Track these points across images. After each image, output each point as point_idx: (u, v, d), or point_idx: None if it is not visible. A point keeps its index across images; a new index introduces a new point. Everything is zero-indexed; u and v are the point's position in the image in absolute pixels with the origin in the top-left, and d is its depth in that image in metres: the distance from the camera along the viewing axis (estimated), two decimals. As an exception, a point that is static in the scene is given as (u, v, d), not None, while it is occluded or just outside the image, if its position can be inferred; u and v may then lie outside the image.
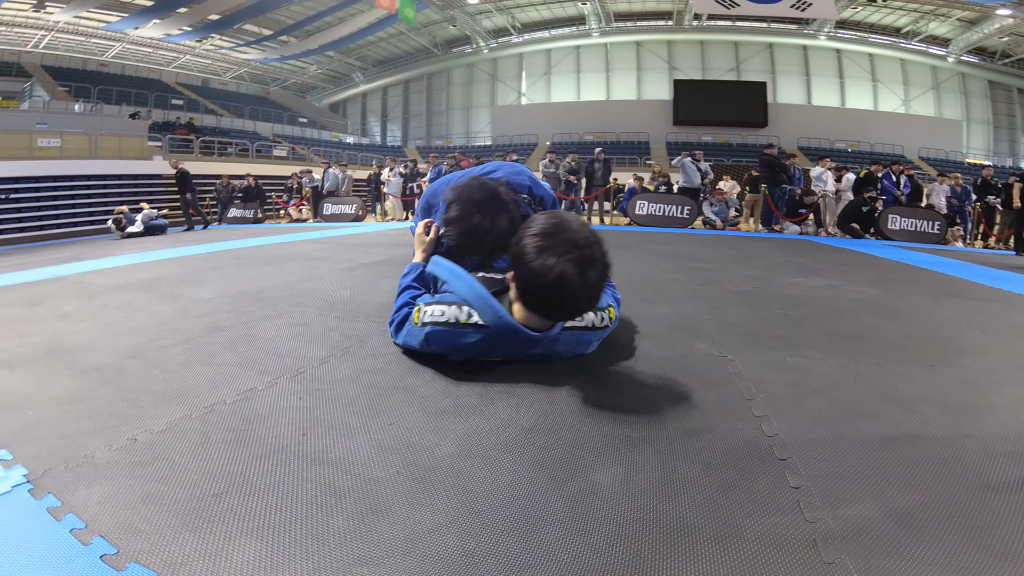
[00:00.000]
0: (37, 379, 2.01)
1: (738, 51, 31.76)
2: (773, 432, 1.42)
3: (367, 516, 1.10)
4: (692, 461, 1.29)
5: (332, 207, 13.16)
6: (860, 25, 29.62)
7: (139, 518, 1.12)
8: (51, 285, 4.28)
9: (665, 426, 1.48)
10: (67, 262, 5.95)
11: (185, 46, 30.67)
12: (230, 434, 1.48)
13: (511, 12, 31.30)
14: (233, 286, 3.68)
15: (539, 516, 1.09)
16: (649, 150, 28.53)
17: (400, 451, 1.36)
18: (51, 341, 2.53)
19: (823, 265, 4.95)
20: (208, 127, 24.31)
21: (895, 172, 10.73)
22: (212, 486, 1.23)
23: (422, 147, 33.89)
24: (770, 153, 10.50)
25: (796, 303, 3.13)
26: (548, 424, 1.50)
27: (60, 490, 1.24)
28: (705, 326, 2.56)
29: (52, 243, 10.19)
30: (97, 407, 1.70)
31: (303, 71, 36.33)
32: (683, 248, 6.18)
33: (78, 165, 13.30)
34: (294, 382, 1.85)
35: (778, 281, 3.94)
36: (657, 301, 3.08)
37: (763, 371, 1.90)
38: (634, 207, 10.77)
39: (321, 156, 23.55)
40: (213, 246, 6.82)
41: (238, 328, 2.56)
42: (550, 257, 1.59)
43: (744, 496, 1.14)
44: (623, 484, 1.20)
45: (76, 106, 21.20)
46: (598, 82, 33.76)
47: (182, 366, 2.05)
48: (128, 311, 3.08)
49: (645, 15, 30.94)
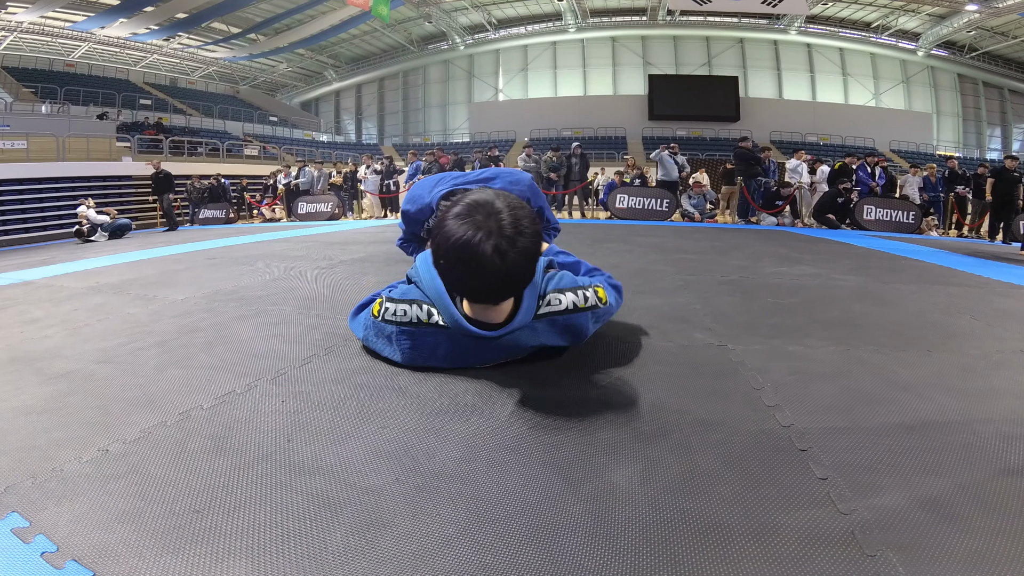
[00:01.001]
0: (3, 387, 1.89)
1: (710, 46, 32.02)
2: (788, 422, 1.38)
3: (368, 531, 1.00)
4: (711, 455, 1.23)
5: (307, 206, 12.90)
6: (830, 20, 30.05)
7: (115, 539, 1.02)
8: (18, 290, 4.11)
9: (676, 419, 1.42)
10: (35, 266, 5.74)
11: (152, 45, 30.00)
12: (209, 442, 1.38)
13: (487, 9, 31.17)
14: (207, 286, 3.56)
15: (557, 522, 1.01)
16: (626, 145, 28.61)
17: (397, 456, 1.26)
18: (17, 348, 2.40)
19: (804, 255, 4.98)
20: (177, 127, 23.85)
21: (870, 164, 10.88)
22: (192, 501, 1.13)
23: (399, 144, 33.62)
24: (744, 146, 10.56)
25: (785, 292, 3.13)
26: (553, 422, 1.42)
27: (27, 508, 1.13)
28: (700, 316, 2.53)
29: (20, 248, 9.85)
30: (66, 416, 1.59)
31: (273, 69, 35.77)
32: (666, 240, 6.18)
33: (45, 168, 12.87)
34: (275, 384, 1.75)
35: (764, 271, 3.96)
36: (649, 292, 3.06)
37: (765, 360, 1.86)
38: (614, 201, 10.76)
39: (294, 155, 23.19)
40: (184, 247, 6.65)
41: (214, 329, 2.45)
42: (463, 224, 1.47)
43: (773, 490, 1.08)
44: (643, 483, 1.13)
45: (42, 107, 20.64)
46: (575, 78, 33.80)
47: (155, 370, 1.94)
48: (99, 315, 2.95)
49: (620, 11, 31.04)
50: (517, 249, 1.46)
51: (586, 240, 6.28)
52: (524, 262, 1.50)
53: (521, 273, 1.52)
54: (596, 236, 6.76)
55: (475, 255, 1.44)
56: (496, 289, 1.54)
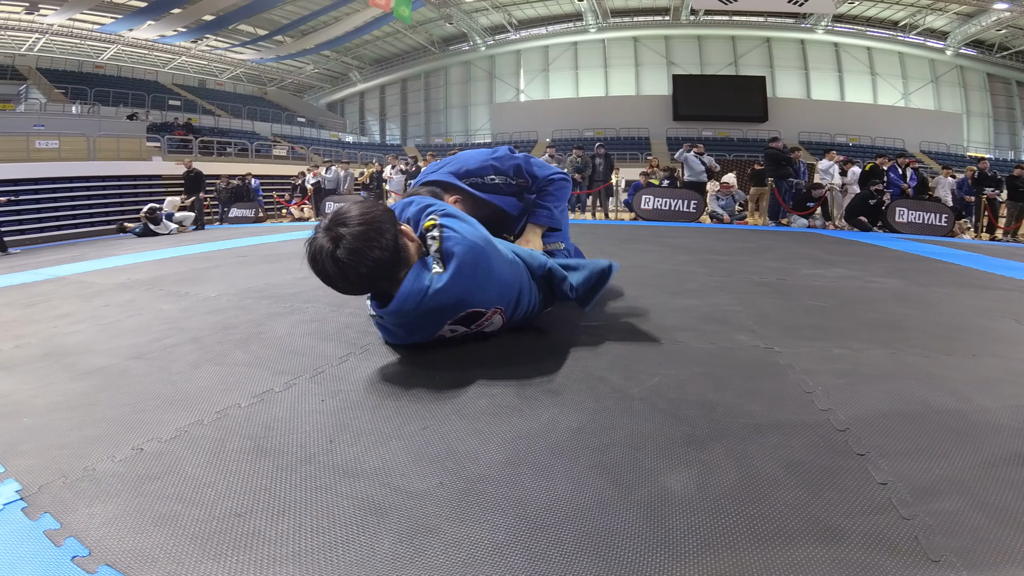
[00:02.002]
0: (33, 383, 1.87)
1: (736, 45, 31.64)
2: (843, 426, 1.33)
3: (416, 537, 0.96)
4: (770, 459, 1.18)
5: (334, 205, 12.96)
6: (857, 19, 29.53)
7: (151, 543, 0.97)
8: (49, 285, 4.15)
9: (729, 422, 1.36)
10: (66, 263, 5.82)
11: (180, 47, 30.53)
12: (248, 442, 1.33)
13: (507, 9, 31.16)
14: (239, 284, 3.56)
15: (612, 529, 0.97)
16: (649, 145, 28.37)
17: (440, 459, 1.22)
18: (48, 342, 2.39)
19: (839, 257, 4.89)
20: (206, 127, 24.15)
21: (900, 165, 10.63)
22: (233, 504, 1.08)
23: (421, 145, 33.76)
24: (775, 147, 10.36)
25: (823, 294, 3.05)
26: (598, 424, 1.37)
27: (59, 509, 1.09)
28: (741, 318, 2.45)
29: (52, 245, 10.05)
30: (98, 413, 1.56)
31: (299, 71, 36.17)
32: (695, 241, 6.06)
33: (76, 167, 13.13)
34: (314, 383, 1.71)
35: (800, 272, 3.87)
36: (683, 293, 2.99)
37: (813, 363, 1.80)
38: (639, 202, 10.62)
39: (321, 155, 23.38)
40: (213, 245, 6.72)
41: (248, 326, 2.43)
42: (319, 231, 1.64)
43: (835, 495, 1.05)
44: (700, 488, 1.08)
45: (73, 108, 21.08)
46: (596, 78, 33.64)
47: (190, 367, 1.91)
48: (130, 310, 2.94)
49: (642, 11, 30.82)
50: (350, 256, 1.57)
51: (610, 240, 6.20)
52: (363, 266, 1.59)
53: (363, 275, 1.62)
54: (621, 236, 6.68)
55: (313, 265, 1.65)
56: (346, 290, 1.71)
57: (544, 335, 2.12)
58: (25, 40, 26.44)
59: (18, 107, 20.71)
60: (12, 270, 5.63)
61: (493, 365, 1.78)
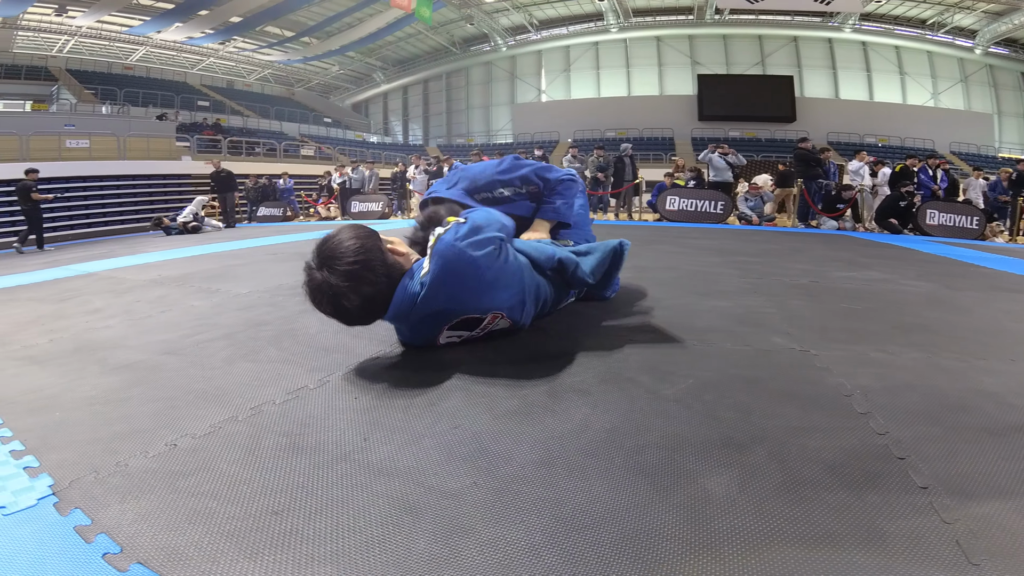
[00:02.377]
0: (65, 377, 1.89)
1: (762, 45, 31.21)
2: (883, 430, 1.32)
3: (451, 537, 0.95)
4: (812, 462, 1.17)
5: (359, 205, 13.20)
6: (885, 17, 28.93)
7: (185, 541, 0.96)
8: (80, 281, 4.23)
9: (768, 425, 1.35)
10: (96, 259, 5.93)
11: (208, 48, 31.00)
12: (284, 439, 1.33)
13: (528, 10, 31.12)
14: (269, 281, 3.60)
15: (650, 531, 0.95)
16: (674, 146, 28.14)
17: (472, 458, 1.21)
18: (80, 337, 2.43)
19: (870, 259, 4.81)
20: (235, 128, 24.51)
21: (931, 166, 10.38)
22: (270, 501, 1.07)
23: (443, 145, 33.90)
24: (804, 147, 10.16)
25: (856, 297, 3.00)
26: (631, 425, 1.35)
27: (90, 505, 1.09)
28: (774, 320, 2.41)
29: (82, 242, 10.26)
30: (130, 408, 1.57)
31: (326, 72, 36.55)
32: (723, 243, 5.98)
33: (107, 166, 13.44)
34: (346, 380, 1.71)
35: (832, 275, 3.82)
36: (713, 295, 2.95)
37: (850, 366, 1.77)
38: (664, 202, 10.52)
39: (347, 155, 23.60)
40: (242, 243, 6.82)
41: (280, 322, 2.45)
42: (311, 269, 1.72)
43: (877, 498, 1.04)
44: (741, 491, 1.06)
45: (103, 108, 21.51)
46: (618, 78, 33.44)
47: (224, 363, 1.92)
48: (161, 306, 2.98)
49: (665, 10, 30.55)
50: (343, 298, 1.65)
51: (635, 241, 6.08)
52: (354, 306, 1.67)
53: (356, 315, 1.71)
54: (646, 237, 6.61)
55: (314, 303, 1.72)
56: (351, 324, 1.78)
57: (571, 335, 2.10)
58: (55, 42, 27.08)
59: (50, 107, 21.21)
60: (44, 266, 5.76)
61: (521, 364, 1.77)
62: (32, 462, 1.27)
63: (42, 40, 26.56)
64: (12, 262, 6.90)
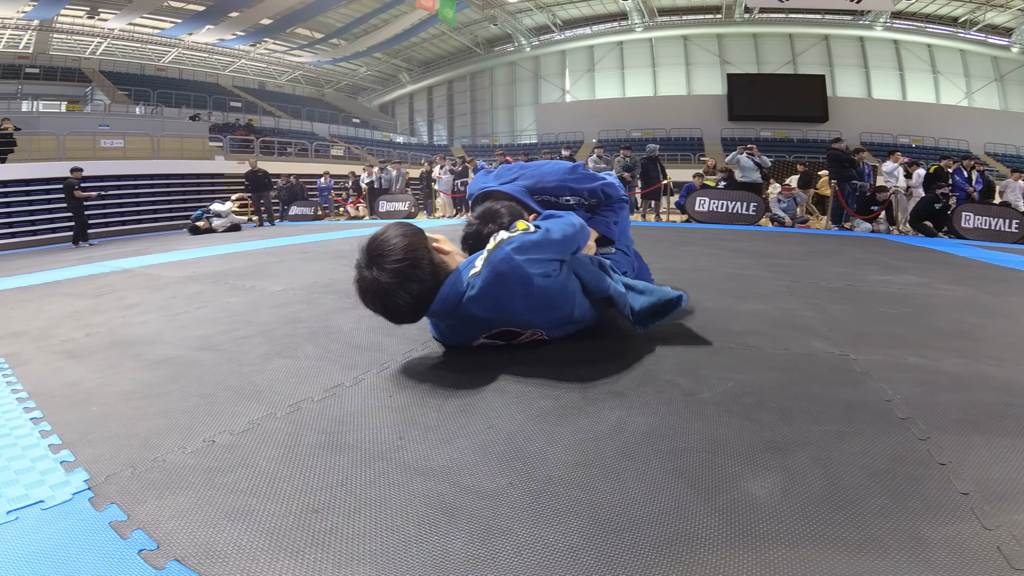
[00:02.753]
0: (102, 371, 1.91)
1: (793, 43, 30.64)
2: (924, 435, 1.30)
3: (488, 538, 0.94)
4: (855, 467, 1.16)
5: (387, 204, 13.30)
6: (916, 16, 28.19)
7: (223, 538, 0.96)
8: (116, 277, 4.31)
9: (811, 429, 1.33)
10: (131, 256, 6.05)
11: (240, 50, 31.49)
12: (322, 437, 1.33)
13: (551, 10, 30.99)
14: (303, 279, 3.65)
15: (693, 534, 0.94)
16: (703, 146, 27.75)
17: (508, 459, 1.20)
18: (117, 332, 2.47)
19: (906, 263, 4.72)
20: (267, 128, 24.85)
21: (966, 167, 10.07)
22: (310, 499, 1.07)
23: (467, 146, 33.96)
24: (838, 147, 9.92)
25: (894, 301, 2.96)
26: (669, 427, 1.34)
27: (126, 500, 1.09)
28: (812, 324, 2.38)
29: (117, 239, 10.50)
30: (168, 403, 1.59)
31: (353, 73, 36.90)
32: (756, 245, 5.90)
33: (141, 165, 13.72)
34: (381, 378, 1.72)
35: (868, 279, 3.75)
36: (749, 298, 2.91)
37: (890, 371, 1.75)
38: (693, 203, 10.38)
39: (374, 155, 23.81)
40: (274, 241, 6.92)
41: (315, 320, 2.48)
42: (360, 267, 1.70)
43: (918, 503, 1.03)
44: (785, 495, 1.05)
45: (137, 109, 21.98)
46: (644, 78, 33.12)
47: (261, 359, 1.94)
48: (197, 303, 3.03)
49: (691, 9, 30.15)
50: (392, 295, 1.65)
51: (665, 242, 6.08)
52: (404, 303, 1.67)
53: (405, 311, 1.70)
54: (675, 239, 6.55)
55: (363, 301, 1.72)
56: (399, 322, 1.79)
57: (604, 337, 2.08)
58: (88, 44, 27.70)
59: (85, 108, 21.73)
60: (80, 262, 5.89)
61: (554, 365, 1.76)
62: (68, 457, 1.29)
63: (75, 43, 27.19)
64: (48, 258, 7.08)
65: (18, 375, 1.96)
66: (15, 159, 11.76)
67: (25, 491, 1.16)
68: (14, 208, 11.19)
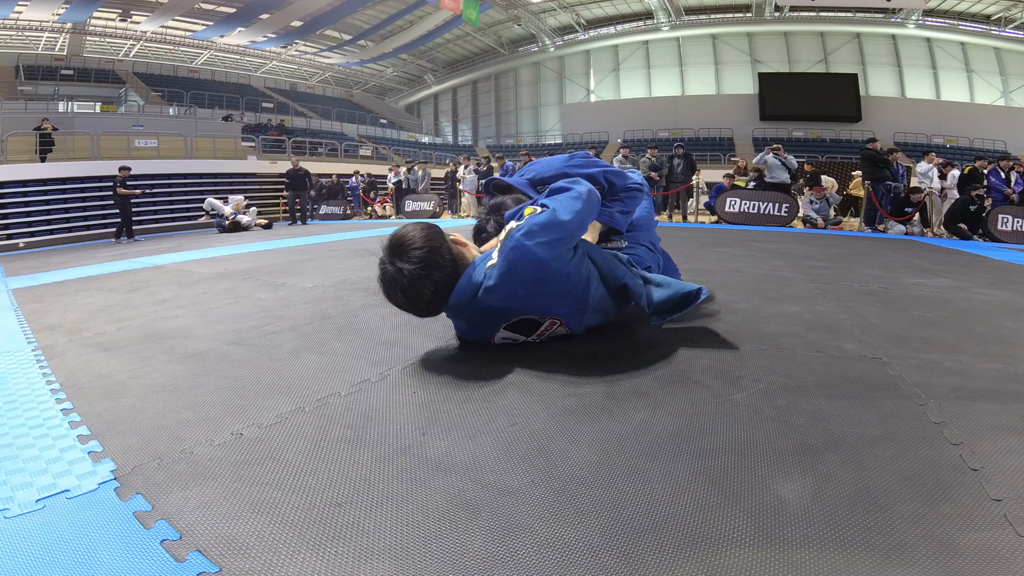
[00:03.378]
0: (134, 364, 1.95)
1: (825, 42, 30.03)
2: (957, 440, 1.27)
3: (508, 536, 0.93)
4: (886, 471, 1.14)
5: (412, 204, 13.46)
6: (948, 13, 27.41)
7: (246, 530, 0.96)
8: (149, 273, 4.40)
9: (843, 432, 1.30)
10: (164, 253, 6.17)
11: (271, 52, 31.98)
12: (348, 431, 1.34)
13: (575, 10, 30.82)
14: (333, 276, 3.71)
15: (716, 536, 0.93)
16: (733, 146, 27.35)
17: (530, 457, 1.20)
18: (149, 326, 2.51)
19: (941, 266, 4.60)
20: (298, 128, 25.23)
21: (1003, 168, 9.74)
22: (333, 493, 1.07)
23: (492, 146, 33.98)
24: (872, 148, 9.70)
25: (929, 304, 2.89)
26: (695, 428, 1.32)
27: (151, 491, 1.10)
28: (845, 326, 2.33)
29: (150, 236, 10.74)
30: (197, 396, 1.61)
31: (380, 74, 37.24)
32: (788, 246, 5.80)
33: (174, 164, 14.05)
34: (405, 374, 1.72)
35: (902, 281, 3.67)
36: (782, 299, 2.86)
37: (924, 375, 1.72)
38: (723, 204, 10.23)
39: (400, 155, 24.02)
40: (305, 239, 7.03)
41: (344, 316, 2.51)
42: (384, 262, 1.74)
43: (950, 509, 1.01)
44: (815, 498, 1.03)
45: (170, 110, 22.45)
46: (671, 77, 32.75)
47: (290, 354, 1.96)
48: (228, 298, 3.08)
49: (720, 8, 29.73)
50: (414, 286, 1.68)
51: (693, 243, 6.01)
52: (427, 292, 1.70)
53: (428, 300, 1.72)
54: (705, 240, 6.47)
55: (386, 295, 1.75)
56: (421, 314, 1.83)
57: (630, 336, 2.06)
58: (122, 46, 28.32)
59: (119, 109, 22.26)
60: (114, 258, 6.03)
61: (578, 363, 1.75)
62: (96, 447, 1.31)
63: (109, 45, 27.85)
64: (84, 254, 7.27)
65: (52, 367, 2.01)
66: (53, 158, 12.08)
67: (52, 480, 1.18)
68: (52, 205, 11.53)
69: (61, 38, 25.68)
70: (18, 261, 7.19)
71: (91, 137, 13.01)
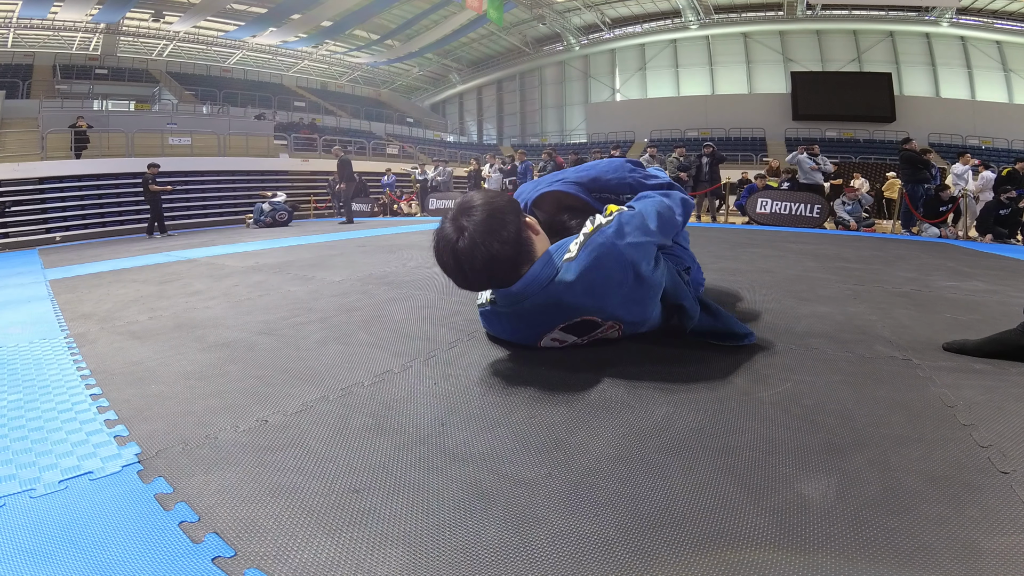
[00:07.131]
0: (164, 352, 1.99)
1: (858, 40, 29.36)
2: (986, 443, 1.25)
3: (522, 526, 0.93)
4: (912, 472, 1.12)
5: (437, 202, 13.58)
6: (983, 11, 26.59)
7: (264, 514, 0.98)
8: (183, 266, 4.50)
9: (870, 432, 1.29)
10: (197, 247, 6.31)
11: (302, 52, 32.43)
12: (370, 420, 1.35)
13: (600, 8, 30.63)
14: (360, 271, 3.77)
15: (736, 533, 0.91)
16: (766, 146, 26.94)
17: (548, 449, 1.20)
18: (181, 316, 2.57)
19: (975, 270, 4.47)
20: (328, 127, 25.59)
21: (1044, 169, 9.40)
22: (352, 480, 1.09)
23: (517, 145, 33.87)
24: (910, 148, 9.44)
25: (962, 307, 2.83)
26: (719, 426, 1.31)
27: (174, 474, 1.13)
28: (878, 328, 2.29)
29: (184, 231, 10.99)
30: (225, 384, 1.64)
31: (407, 73, 37.50)
32: (820, 247, 5.69)
33: (208, 161, 14.38)
34: (427, 366, 1.74)
35: (936, 284, 3.59)
36: (813, 300, 2.83)
37: (954, 377, 1.69)
38: (754, 205, 10.08)
39: (426, 154, 24.22)
40: (335, 235, 7.12)
41: (370, 309, 2.55)
42: (446, 220, 1.67)
43: (976, 512, 0.99)
44: (839, 498, 1.02)
45: (204, 108, 22.90)
46: (700, 76, 32.33)
47: (317, 344, 2.00)
48: (259, 291, 3.14)
49: (750, 7, 29.25)
50: (469, 249, 1.57)
51: (724, 244, 5.93)
52: (479, 260, 1.58)
53: (478, 269, 1.59)
54: (735, 240, 6.38)
55: (437, 256, 1.66)
56: (463, 283, 1.67)
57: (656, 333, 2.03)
58: (155, 46, 28.94)
59: (153, 107, 22.75)
60: (148, 252, 6.18)
61: (601, 358, 1.74)
62: (122, 431, 1.34)
63: (142, 45, 28.45)
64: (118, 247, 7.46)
65: (84, 354, 2.07)
66: (88, 155, 12.44)
67: (77, 462, 1.21)
68: (88, 200, 11.88)
69: (95, 38, 26.33)
70: (55, 254, 7.41)
71: (126, 135, 13.33)
